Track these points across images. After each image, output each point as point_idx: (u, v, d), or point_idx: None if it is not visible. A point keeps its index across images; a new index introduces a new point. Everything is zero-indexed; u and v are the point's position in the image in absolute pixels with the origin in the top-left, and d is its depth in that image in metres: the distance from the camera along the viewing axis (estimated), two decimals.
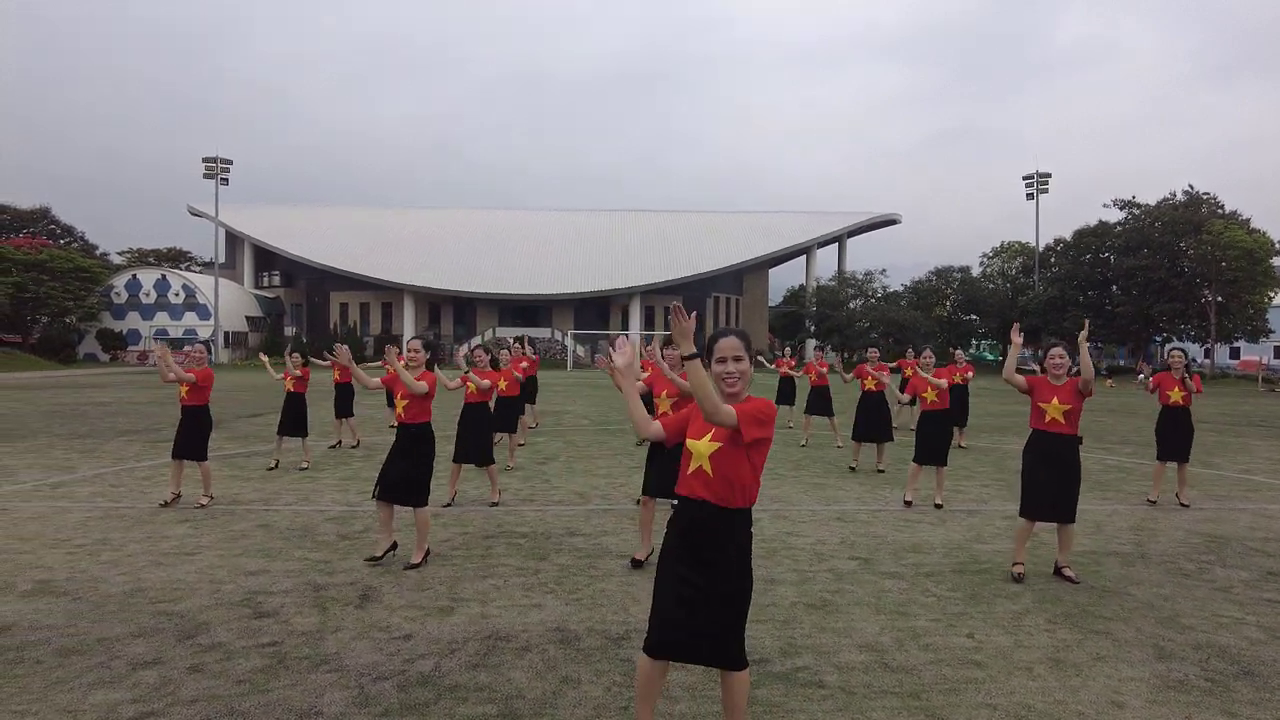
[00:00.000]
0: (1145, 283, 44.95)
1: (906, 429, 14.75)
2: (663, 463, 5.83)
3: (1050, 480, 5.72)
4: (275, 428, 10.76)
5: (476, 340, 60.66)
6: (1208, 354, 48.41)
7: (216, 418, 8.16)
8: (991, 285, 61.40)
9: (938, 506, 8.27)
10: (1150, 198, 48.75)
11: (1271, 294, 44.47)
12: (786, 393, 16.16)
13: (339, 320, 62.50)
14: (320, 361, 13.33)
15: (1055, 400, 5.76)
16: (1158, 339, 51.16)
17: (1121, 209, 49.17)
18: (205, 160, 55.80)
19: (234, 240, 65.50)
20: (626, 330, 60.82)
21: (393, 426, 15.04)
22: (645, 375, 8.95)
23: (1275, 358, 56.13)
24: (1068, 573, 5.80)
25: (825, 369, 13.68)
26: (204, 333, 56.96)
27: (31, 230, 60.88)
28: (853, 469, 10.69)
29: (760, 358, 8.50)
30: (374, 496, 5.88)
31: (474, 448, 8.10)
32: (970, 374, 13.68)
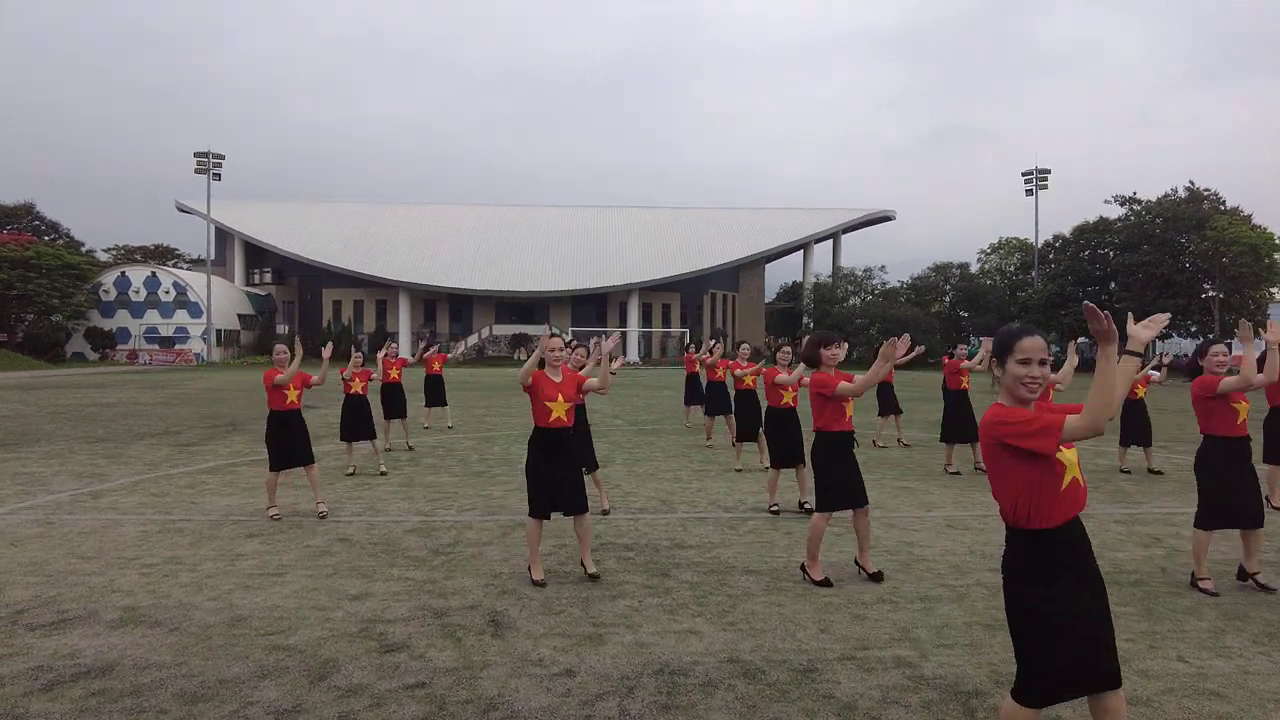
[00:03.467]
0: (1146, 279, 44.93)
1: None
2: (847, 471, 5.43)
3: (1245, 485, 5.33)
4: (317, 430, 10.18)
5: (473, 339, 60.00)
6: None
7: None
8: (990, 282, 61.44)
9: None
10: (1141, 197, 48.72)
11: (1274, 290, 44.60)
12: None
13: (332, 318, 61.58)
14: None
15: (1244, 400, 5.37)
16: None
17: (1122, 205, 49.17)
18: (197, 155, 54.62)
19: (224, 237, 64.28)
20: (626, 327, 60.32)
21: (427, 428, 14.52)
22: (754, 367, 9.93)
23: None
24: (1262, 579, 5.41)
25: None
26: (196, 331, 55.94)
27: (16, 226, 59.35)
28: (952, 473, 10.05)
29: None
30: (536, 515, 5.39)
31: (584, 453, 7.54)
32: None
